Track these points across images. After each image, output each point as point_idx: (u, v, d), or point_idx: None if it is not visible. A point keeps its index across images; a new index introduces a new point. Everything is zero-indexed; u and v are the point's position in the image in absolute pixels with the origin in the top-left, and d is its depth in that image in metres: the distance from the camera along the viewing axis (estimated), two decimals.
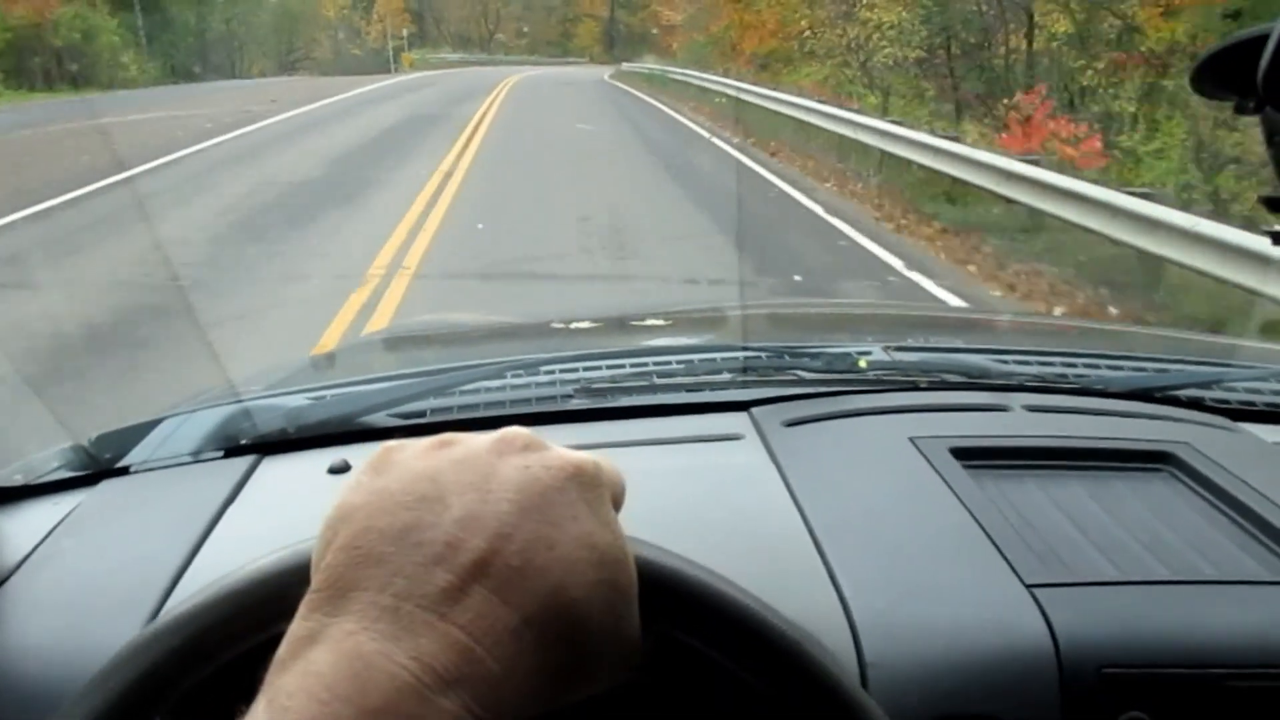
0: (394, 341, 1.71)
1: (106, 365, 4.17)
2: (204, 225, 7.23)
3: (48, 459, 0.93)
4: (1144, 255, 5.42)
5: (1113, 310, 5.27)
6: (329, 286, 5.47)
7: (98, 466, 0.90)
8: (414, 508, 0.36)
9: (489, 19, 64.98)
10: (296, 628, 0.34)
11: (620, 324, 1.71)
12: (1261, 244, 4.91)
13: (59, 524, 0.79)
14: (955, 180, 7.83)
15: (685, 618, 0.41)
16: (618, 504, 0.40)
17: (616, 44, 64.54)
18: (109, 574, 0.72)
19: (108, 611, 0.67)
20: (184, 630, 0.42)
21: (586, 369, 1.08)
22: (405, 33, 56.78)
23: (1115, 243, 5.66)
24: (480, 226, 7.31)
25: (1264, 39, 0.44)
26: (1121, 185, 6.24)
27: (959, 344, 1.39)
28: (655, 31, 57.17)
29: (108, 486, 0.87)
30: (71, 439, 0.93)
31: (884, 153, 9.17)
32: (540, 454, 0.38)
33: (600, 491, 0.38)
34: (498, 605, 0.34)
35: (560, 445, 0.40)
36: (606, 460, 0.40)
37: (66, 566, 0.74)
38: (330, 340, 4.46)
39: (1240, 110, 0.47)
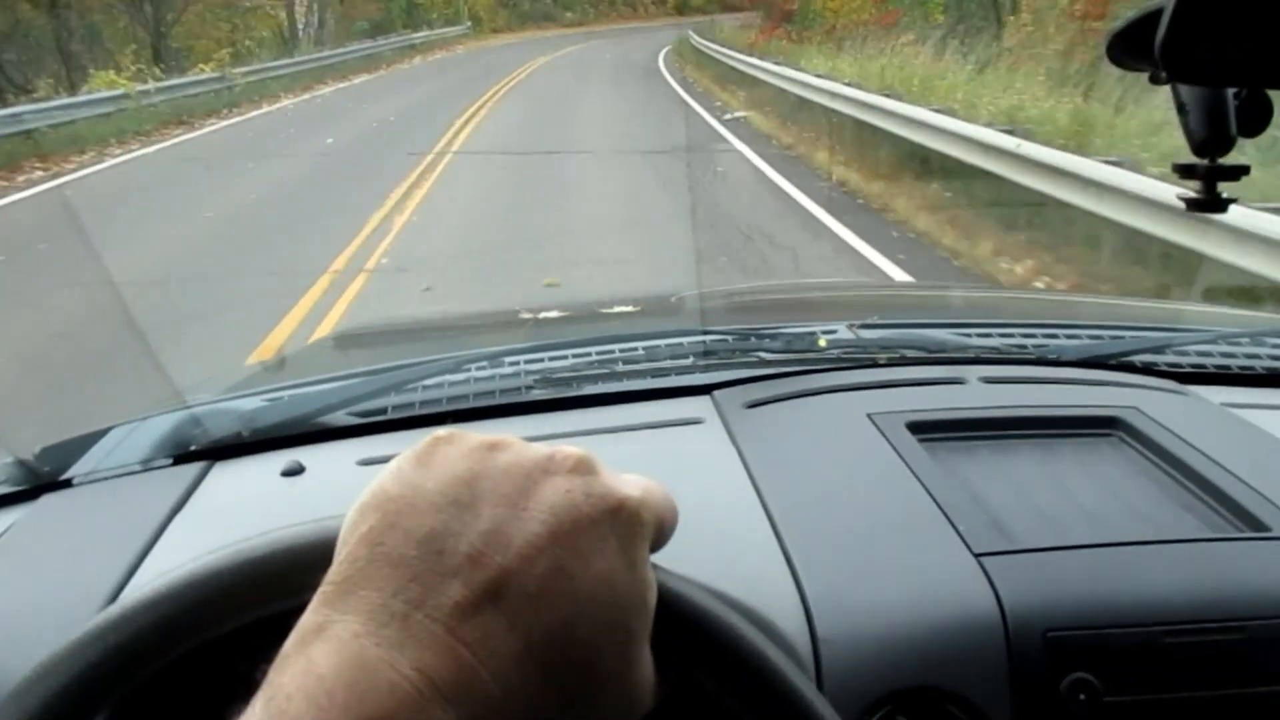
0: (350, 340, 1.68)
1: None
2: None
3: None
4: None
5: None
6: None
7: (38, 480, 0.87)
8: (445, 511, 0.35)
9: None
10: (306, 620, 0.34)
11: (584, 312, 1.70)
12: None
13: None
14: None
15: (700, 659, 0.41)
16: (664, 539, 0.39)
17: None
18: (43, 591, 0.70)
19: (41, 630, 0.64)
20: (199, 587, 0.41)
21: (551, 359, 1.07)
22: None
23: None
24: None
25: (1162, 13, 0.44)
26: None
27: (920, 320, 1.40)
28: None
29: (47, 501, 0.84)
30: (10, 453, 0.90)
31: None
32: (586, 480, 0.37)
33: (637, 530, 0.37)
34: (506, 629, 0.33)
35: (524, 437, 0.39)
36: (661, 495, 0.39)
37: None
38: None
39: (1154, 80, 0.49)
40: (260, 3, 24.07)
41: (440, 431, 0.39)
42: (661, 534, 0.39)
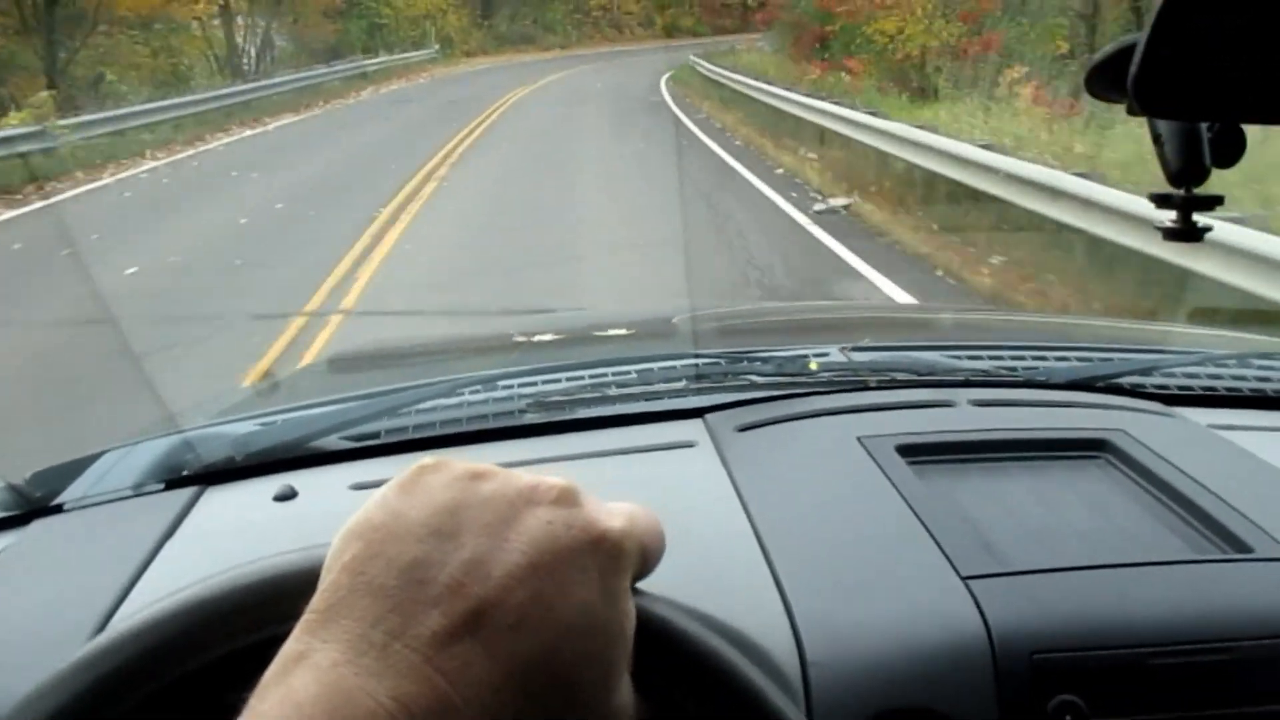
0: (343, 364, 1.68)
1: None
2: None
3: None
4: None
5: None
6: None
7: (29, 505, 0.86)
8: (426, 541, 0.35)
9: None
10: (287, 648, 0.34)
11: (577, 335, 1.71)
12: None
13: None
14: None
15: (681, 681, 0.41)
16: (649, 568, 0.39)
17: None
18: (34, 617, 0.70)
19: (31, 657, 0.64)
20: (186, 617, 0.42)
21: (545, 382, 1.08)
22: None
23: None
24: None
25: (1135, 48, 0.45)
26: None
27: (911, 342, 1.41)
28: None
29: (38, 526, 0.84)
30: (1, 478, 0.90)
31: None
32: (568, 511, 0.37)
33: (619, 562, 0.37)
34: (484, 658, 0.34)
35: (516, 462, 0.39)
36: (646, 524, 0.39)
37: None
38: None
39: (1131, 112, 0.50)
40: (185, 23, 19.25)
41: (426, 459, 0.39)
42: (647, 563, 0.39)
